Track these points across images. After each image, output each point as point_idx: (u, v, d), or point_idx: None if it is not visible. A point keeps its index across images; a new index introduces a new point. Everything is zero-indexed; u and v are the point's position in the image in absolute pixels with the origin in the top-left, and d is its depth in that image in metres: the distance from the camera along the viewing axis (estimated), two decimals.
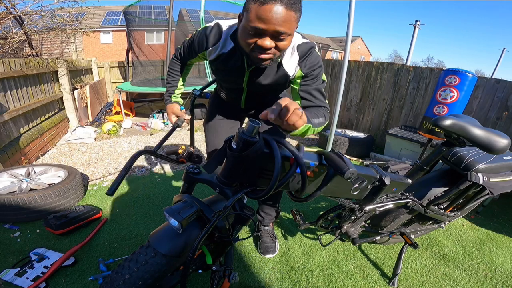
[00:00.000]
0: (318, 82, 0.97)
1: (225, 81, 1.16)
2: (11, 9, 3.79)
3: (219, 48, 0.99)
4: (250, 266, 1.42)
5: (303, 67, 0.95)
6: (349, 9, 2.05)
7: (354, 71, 3.70)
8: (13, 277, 1.24)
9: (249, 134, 0.57)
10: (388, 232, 1.36)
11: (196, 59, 1.16)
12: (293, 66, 0.96)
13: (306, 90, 0.96)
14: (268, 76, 1.01)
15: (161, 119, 4.30)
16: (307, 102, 0.96)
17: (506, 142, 0.87)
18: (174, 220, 0.67)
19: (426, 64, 42.90)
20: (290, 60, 0.95)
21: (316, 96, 0.97)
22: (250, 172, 0.66)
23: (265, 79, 1.02)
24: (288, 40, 0.81)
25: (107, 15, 15.37)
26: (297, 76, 0.97)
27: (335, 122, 2.51)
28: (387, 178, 0.83)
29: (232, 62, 1.00)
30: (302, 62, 0.95)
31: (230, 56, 0.99)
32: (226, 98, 1.29)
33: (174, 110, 1.23)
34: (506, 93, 2.43)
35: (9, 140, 2.36)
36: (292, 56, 0.94)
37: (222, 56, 1.00)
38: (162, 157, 1.12)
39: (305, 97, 0.96)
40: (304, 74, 0.95)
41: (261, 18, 0.73)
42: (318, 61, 0.96)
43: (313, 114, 0.86)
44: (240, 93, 1.17)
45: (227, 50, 0.98)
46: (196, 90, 1.33)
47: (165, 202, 2.00)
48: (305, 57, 0.94)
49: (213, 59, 1.03)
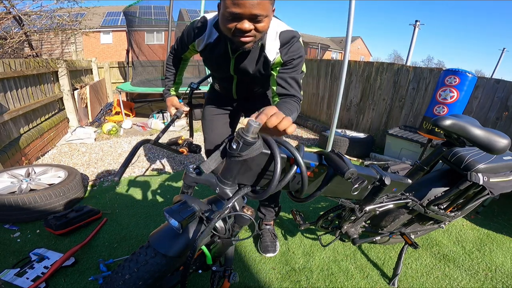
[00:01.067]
0: (296, 72, 1.00)
1: (215, 70, 1.22)
2: (10, 9, 3.79)
3: (205, 38, 1.06)
4: (250, 266, 1.42)
5: (283, 54, 0.98)
6: (349, 9, 2.05)
7: (354, 71, 3.70)
8: (13, 277, 1.24)
9: (249, 134, 0.57)
10: (388, 232, 1.36)
11: (188, 52, 1.22)
12: (274, 51, 0.99)
13: (283, 78, 0.99)
14: (252, 61, 1.05)
15: (161, 119, 4.30)
16: (282, 89, 0.99)
17: (506, 142, 0.87)
18: (174, 220, 0.67)
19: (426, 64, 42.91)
20: (272, 45, 0.98)
21: (291, 85, 0.99)
22: (250, 172, 0.66)
23: (249, 64, 1.06)
24: (265, 21, 0.85)
25: (107, 15, 15.37)
26: (276, 62, 1.00)
27: (335, 122, 2.51)
28: (387, 178, 0.83)
29: (217, 50, 1.05)
30: (284, 49, 0.97)
31: (216, 45, 1.05)
32: (220, 89, 1.35)
33: (174, 102, 1.29)
34: (506, 93, 2.43)
35: (9, 141, 2.36)
36: (274, 42, 0.98)
37: (209, 46, 1.07)
38: (163, 146, 1.16)
39: (281, 84, 0.99)
40: (283, 61, 0.98)
41: (236, 3, 0.78)
42: (299, 52, 0.99)
43: (287, 111, 0.87)
44: (230, 81, 1.21)
45: (212, 39, 1.05)
46: (193, 83, 1.39)
47: (165, 202, 2.00)
48: (287, 45, 0.97)
49: (202, 50, 1.10)
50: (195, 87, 1.39)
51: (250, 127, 0.56)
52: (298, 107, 0.98)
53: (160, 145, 1.13)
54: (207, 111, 1.41)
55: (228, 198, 0.68)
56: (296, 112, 0.93)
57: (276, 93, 1.01)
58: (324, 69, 4.22)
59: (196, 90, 1.43)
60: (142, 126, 4.07)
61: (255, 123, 0.56)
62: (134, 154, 0.92)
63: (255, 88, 1.26)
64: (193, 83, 1.39)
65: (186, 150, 1.21)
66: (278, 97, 1.01)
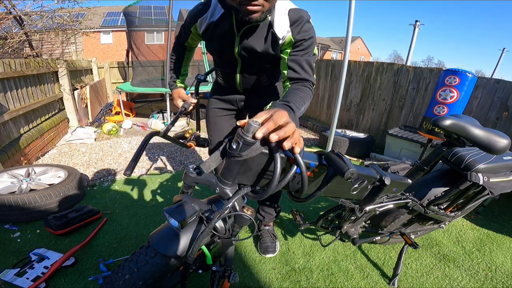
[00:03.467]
0: (308, 53, 0.94)
1: (218, 53, 1.13)
2: (11, 9, 3.79)
3: (208, 17, 1.00)
4: (250, 266, 1.42)
5: (295, 33, 0.91)
6: (349, 9, 2.05)
7: (354, 71, 3.70)
8: (13, 277, 1.24)
9: (249, 134, 0.57)
10: (388, 232, 1.36)
11: (191, 38, 1.16)
12: (284, 29, 0.92)
13: (295, 60, 0.93)
14: (259, 39, 0.97)
15: (161, 119, 4.31)
16: (294, 73, 0.93)
17: (506, 142, 0.87)
18: (174, 220, 0.67)
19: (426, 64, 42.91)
20: (281, 22, 0.92)
21: (304, 68, 0.93)
22: (250, 172, 0.66)
23: (257, 43, 0.98)
24: None
25: (107, 16, 15.37)
26: (287, 41, 0.93)
27: (335, 122, 2.51)
28: (387, 178, 0.83)
29: (221, 27, 0.99)
30: (295, 27, 0.91)
31: (219, 22, 0.99)
32: (223, 81, 1.27)
33: (181, 94, 1.23)
34: (506, 93, 2.43)
35: (9, 141, 2.36)
36: (283, 18, 0.91)
37: (212, 25, 1.00)
38: (171, 139, 1.13)
39: (292, 67, 0.93)
40: (295, 41, 0.92)
41: None
42: (311, 32, 0.93)
43: (300, 101, 0.81)
44: (234, 67, 1.13)
45: (215, 18, 0.99)
46: (200, 75, 1.35)
47: (165, 202, 2.00)
48: (298, 24, 0.91)
49: (204, 30, 1.03)
50: (202, 78, 1.35)
51: (250, 127, 0.56)
52: (311, 93, 0.91)
53: (169, 138, 1.11)
54: (211, 113, 1.37)
55: (228, 198, 0.68)
56: (308, 100, 0.87)
57: (287, 77, 0.94)
58: (324, 69, 4.22)
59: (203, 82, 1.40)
60: (142, 126, 4.07)
61: (255, 123, 0.56)
62: (144, 147, 0.91)
63: (261, 77, 1.16)
64: (199, 74, 1.35)
65: (194, 143, 1.19)
66: (289, 82, 0.94)
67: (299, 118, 0.89)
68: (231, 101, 1.32)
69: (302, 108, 0.82)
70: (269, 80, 1.21)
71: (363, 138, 3.19)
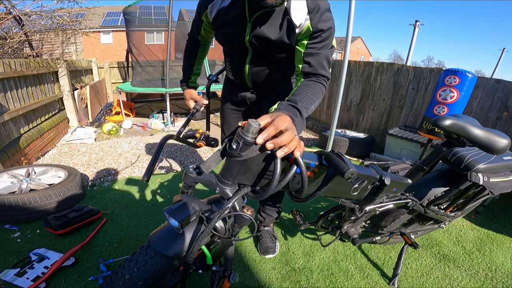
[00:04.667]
0: (326, 46, 0.86)
1: (228, 41, 1.06)
2: (11, 9, 3.79)
3: (218, 3, 0.95)
4: (250, 266, 1.42)
5: (314, 21, 0.83)
6: (349, 9, 2.05)
7: (354, 71, 3.70)
8: (13, 277, 1.24)
9: (249, 134, 0.57)
10: (388, 232, 1.36)
11: (203, 30, 1.11)
12: (301, 16, 0.84)
13: (312, 54, 0.85)
14: (273, 26, 0.89)
15: (161, 119, 4.31)
16: (309, 68, 0.86)
17: (506, 142, 0.87)
18: (174, 220, 0.67)
19: (426, 64, 42.93)
20: (298, 8, 0.84)
21: (321, 62, 0.86)
22: (250, 172, 0.66)
23: (271, 30, 0.90)
24: None
25: (107, 16, 15.38)
26: (304, 30, 0.85)
27: (335, 122, 2.51)
28: (387, 178, 0.83)
29: (232, 12, 0.92)
30: (315, 15, 0.83)
31: (230, 8, 0.93)
32: (232, 75, 1.21)
33: (192, 95, 1.21)
34: (506, 93, 2.43)
35: (9, 141, 2.36)
36: (300, 4, 0.84)
37: (222, 11, 0.94)
38: (183, 141, 1.14)
39: (308, 61, 0.86)
40: (313, 30, 0.84)
41: None
42: (331, 22, 0.85)
43: (309, 99, 0.76)
44: (244, 58, 1.05)
45: (226, 3, 0.93)
46: (212, 75, 1.33)
47: (165, 202, 2.00)
48: (318, 11, 0.83)
49: (214, 17, 0.98)
50: (214, 79, 1.34)
51: (250, 127, 0.56)
52: (324, 89, 0.86)
53: (181, 140, 1.12)
54: (225, 113, 1.36)
55: (228, 198, 0.68)
56: (320, 96, 0.82)
57: (301, 72, 0.88)
58: None
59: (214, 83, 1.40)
60: (142, 126, 4.07)
61: (255, 123, 0.56)
62: (160, 151, 0.90)
63: (272, 70, 1.08)
64: (211, 75, 1.33)
65: (204, 143, 1.20)
66: (303, 77, 0.88)
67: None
68: (241, 101, 1.28)
69: (312, 107, 0.77)
70: (281, 74, 1.13)
71: (363, 138, 3.19)
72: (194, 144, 1.18)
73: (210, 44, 1.26)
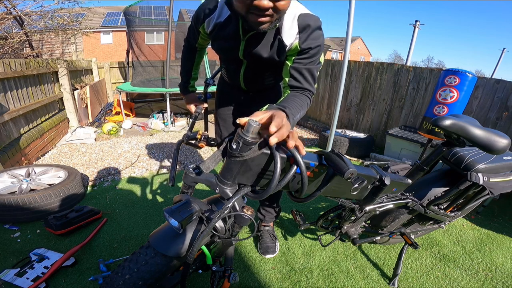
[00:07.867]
0: (312, 62, 0.91)
1: (223, 52, 1.11)
2: (11, 9, 3.79)
3: (215, 17, 0.97)
4: (250, 266, 1.42)
5: (301, 41, 0.87)
6: (349, 9, 2.05)
7: (354, 71, 3.70)
8: (13, 278, 1.24)
9: (249, 134, 0.57)
10: (388, 232, 1.36)
11: (200, 39, 1.13)
12: (291, 35, 0.88)
13: (297, 69, 0.90)
14: (265, 46, 0.94)
15: (161, 119, 4.30)
16: (295, 81, 0.91)
17: (506, 142, 0.87)
18: (174, 220, 0.67)
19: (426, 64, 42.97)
20: (289, 28, 0.88)
21: (306, 77, 0.91)
22: (250, 172, 0.66)
23: (263, 49, 0.95)
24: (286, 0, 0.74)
25: (107, 16, 15.39)
26: (293, 48, 0.90)
27: (335, 122, 2.51)
28: (387, 178, 0.83)
29: (227, 30, 0.96)
30: (303, 34, 0.87)
31: (226, 24, 0.96)
32: (227, 77, 1.26)
33: (193, 100, 1.28)
34: (506, 93, 2.43)
35: (9, 141, 2.36)
36: (291, 24, 0.87)
37: (218, 26, 0.98)
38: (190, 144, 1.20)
39: (294, 76, 0.91)
40: (301, 49, 0.88)
41: None
42: (319, 40, 0.89)
43: (296, 108, 0.79)
44: (239, 65, 1.10)
45: (223, 19, 0.96)
46: (208, 79, 1.38)
47: (165, 202, 2.00)
48: (307, 30, 0.87)
49: (211, 31, 1.01)
50: (211, 83, 1.40)
51: (250, 127, 0.56)
52: (309, 102, 0.90)
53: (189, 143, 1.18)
54: (220, 111, 1.38)
55: (228, 198, 0.68)
56: (305, 108, 0.86)
57: (287, 85, 0.93)
58: (324, 69, 4.22)
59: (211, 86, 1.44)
60: (142, 126, 4.07)
61: (255, 123, 0.56)
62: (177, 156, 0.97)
63: (265, 77, 1.15)
64: (208, 79, 1.39)
65: (205, 143, 1.23)
66: (289, 89, 0.92)
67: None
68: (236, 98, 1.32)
69: (297, 116, 0.80)
70: (274, 80, 1.19)
71: (363, 138, 3.19)
72: (196, 144, 1.21)
73: (206, 48, 1.29)
